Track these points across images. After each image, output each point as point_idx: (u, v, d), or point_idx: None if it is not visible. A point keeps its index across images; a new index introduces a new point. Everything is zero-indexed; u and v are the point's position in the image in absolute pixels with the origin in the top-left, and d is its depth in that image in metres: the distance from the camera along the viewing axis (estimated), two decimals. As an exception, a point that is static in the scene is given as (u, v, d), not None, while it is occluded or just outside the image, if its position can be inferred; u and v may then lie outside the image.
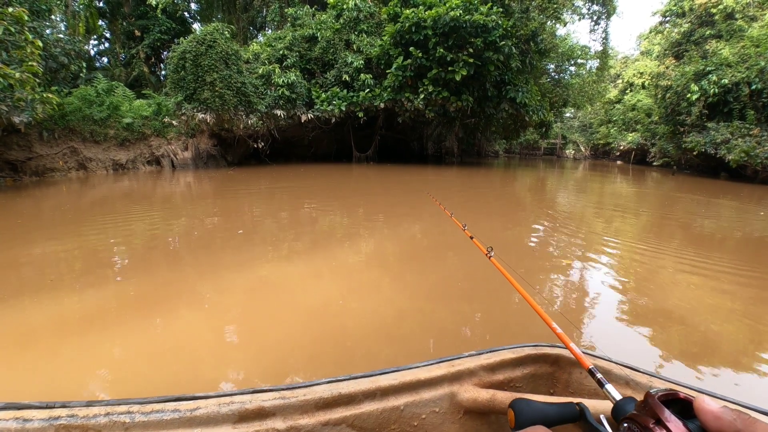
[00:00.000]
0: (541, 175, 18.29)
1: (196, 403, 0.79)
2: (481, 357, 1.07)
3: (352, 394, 0.89)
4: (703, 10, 22.31)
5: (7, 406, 0.73)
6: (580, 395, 1.06)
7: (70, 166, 12.80)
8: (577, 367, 1.07)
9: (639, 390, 0.96)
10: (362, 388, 0.91)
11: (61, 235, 5.20)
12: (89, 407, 0.75)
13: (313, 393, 0.87)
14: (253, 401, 0.82)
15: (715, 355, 2.48)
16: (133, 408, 0.76)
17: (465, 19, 13.76)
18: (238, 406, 0.80)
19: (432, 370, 1.00)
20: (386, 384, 0.94)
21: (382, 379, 0.94)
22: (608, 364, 1.02)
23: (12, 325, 2.66)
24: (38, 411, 0.73)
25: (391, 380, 0.95)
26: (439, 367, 1.01)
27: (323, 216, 6.73)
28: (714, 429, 0.37)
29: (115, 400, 0.78)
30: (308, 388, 0.88)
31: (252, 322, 2.81)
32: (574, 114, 38.21)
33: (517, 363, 1.09)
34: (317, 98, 15.96)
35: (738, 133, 15.22)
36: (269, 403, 0.83)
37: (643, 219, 7.41)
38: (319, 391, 0.87)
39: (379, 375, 0.96)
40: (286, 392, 0.86)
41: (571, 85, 24.31)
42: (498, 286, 3.52)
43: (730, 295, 3.47)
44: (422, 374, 0.98)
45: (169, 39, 21.20)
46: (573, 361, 1.07)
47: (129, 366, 2.24)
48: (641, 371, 1.00)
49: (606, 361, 1.03)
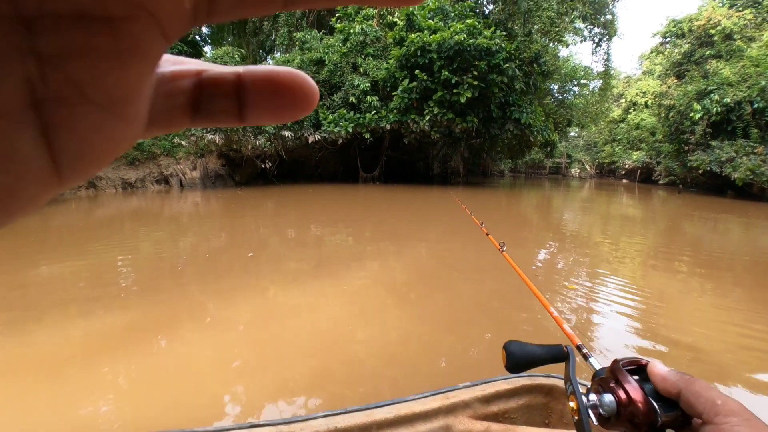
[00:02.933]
0: (546, 194, 18.30)
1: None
2: (476, 388, 1.07)
3: (347, 428, 0.89)
4: (702, 32, 22.65)
5: None
6: (574, 426, 1.03)
7: (79, 184, 13.00)
8: None
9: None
10: (358, 422, 0.91)
11: (68, 255, 5.25)
12: None
13: (309, 428, 0.86)
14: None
15: (728, 377, 2.45)
16: None
17: (469, 43, 14.05)
18: None
19: (427, 402, 1.00)
20: (381, 417, 0.94)
21: (377, 413, 0.94)
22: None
23: (15, 347, 2.68)
24: None
25: (386, 413, 0.95)
26: (434, 399, 1.01)
27: (330, 237, 6.76)
28: (662, 388, 0.42)
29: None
30: (305, 422, 0.88)
31: (257, 347, 2.80)
32: (579, 133, 38.46)
33: (511, 394, 1.10)
34: (324, 120, 16.21)
35: (742, 151, 15.24)
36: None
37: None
38: (315, 425, 0.87)
39: (375, 408, 0.96)
40: (283, 427, 0.85)
41: (575, 105, 24.57)
42: (505, 306, 3.52)
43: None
44: (417, 407, 0.98)
45: (180, 62, 21.70)
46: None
47: (130, 392, 2.22)
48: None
49: None
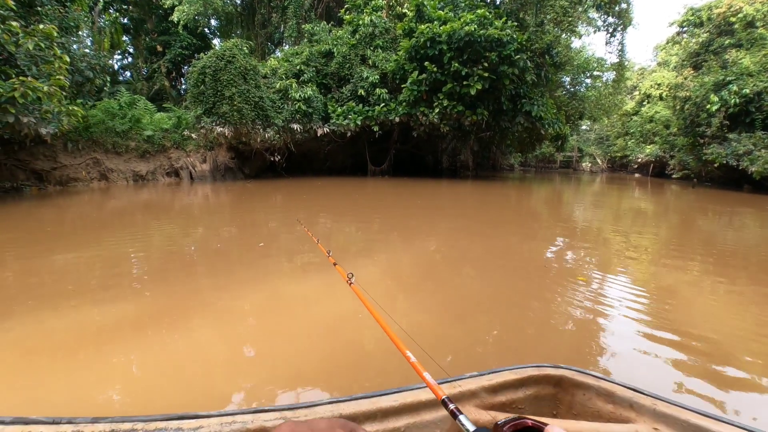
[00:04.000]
0: (557, 188, 18.09)
1: (198, 422, 0.80)
2: (483, 378, 1.06)
3: (352, 415, 0.89)
4: (722, 20, 22.01)
5: (16, 421, 0.75)
6: (584, 417, 1.04)
7: (92, 176, 13.16)
8: (580, 388, 1.06)
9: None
10: (363, 409, 0.90)
11: (82, 244, 5.31)
12: (95, 423, 0.77)
13: (314, 413, 0.87)
14: (255, 421, 0.82)
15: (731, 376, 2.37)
16: (138, 425, 0.77)
17: (480, 34, 13.84)
18: (240, 426, 0.81)
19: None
20: (387, 405, 0.93)
21: (383, 401, 0.94)
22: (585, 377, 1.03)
23: (27, 335, 2.71)
24: (45, 426, 0.75)
25: (392, 401, 0.94)
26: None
27: (338, 229, 6.74)
28: None
29: (120, 417, 0.79)
30: (309, 409, 0.88)
31: (266, 335, 2.79)
32: (591, 126, 37.89)
33: (519, 384, 1.09)
34: (333, 112, 16.17)
35: (761, 144, 14.85)
36: (271, 423, 0.83)
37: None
38: (320, 411, 0.87)
39: (380, 396, 0.95)
40: (288, 412, 0.86)
41: (587, 98, 24.19)
42: (517, 301, 3.46)
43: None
44: (423, 395, 0.97)
45: (190, 54, 21.86)
46: (576, 382, 1.06)
47: (142, 379, 2.23)
48: (619, 384, 1.00)
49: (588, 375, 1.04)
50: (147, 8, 22.63)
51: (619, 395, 0.99)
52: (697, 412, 0.90)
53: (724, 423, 0.86)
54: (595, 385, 1.04)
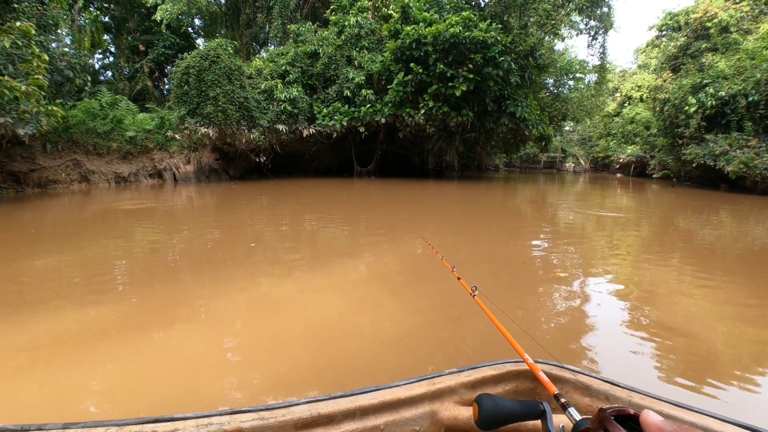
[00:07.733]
0: (541, 188, 18.34)
1: (174, 424, 0.78)
2: (462, 374, 1.07)
3: (331, 414, 0.88)
4: (698, 24, 22.65)
5: None
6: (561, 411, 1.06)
7: (72, 178, 12.88)
8: (558, 382, 1.07)
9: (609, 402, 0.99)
10: (341, 408, 0.90)
11: (61, 248, 5.21)
12: (66, 429, 0.74)
13: (291, 413, 0.85)
14: (232, 422, 0.81)
15: (717, 371, 2.47)
16: (110, 430, 0.75)
17: (465, 36, 13.96)
18: (216, 428, 0.79)
19: (412, 388, 1.00)
20: (366, 403, 0.93)
21: (361, 399, 0.93)
22: (588, 379, 1.04)
23: (7, 339, 2.66)
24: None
25: (371, 399, 0.93)
26: (419, 385, 1.01)
27: (324, 230, 6.74)
28: None
29: (93, 422, 0.76)
30: (287, 409, 0.87)
31: (251, 337, 2.79)
32: (574, 127, 38.48)
33: (497, 380, 1.09)
34: (319, 113, 16.12)
35: (736, 144, 15.32)
36: (248, 425, 0.81)
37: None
38: (297, 411, 0.86)
39: (359, 394, 0.95)
40: (265, 413, 0.84)
41: (570, 99, 24.54)
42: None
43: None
44: (402, 393, 0.97)
45: (173, 54, 21.56)
46: (554, 376, 1.07)
47: (123, 383, 2.21)
48: (620, 384, 1.01)
49: (587, 376, 1.05)
50: (129, 7, 22.22)
51: (595, 388, 1.00)
52: (672, 402, 0.91)
53: (698, 413, 0.88)
54: (572, 379, 1.05)
